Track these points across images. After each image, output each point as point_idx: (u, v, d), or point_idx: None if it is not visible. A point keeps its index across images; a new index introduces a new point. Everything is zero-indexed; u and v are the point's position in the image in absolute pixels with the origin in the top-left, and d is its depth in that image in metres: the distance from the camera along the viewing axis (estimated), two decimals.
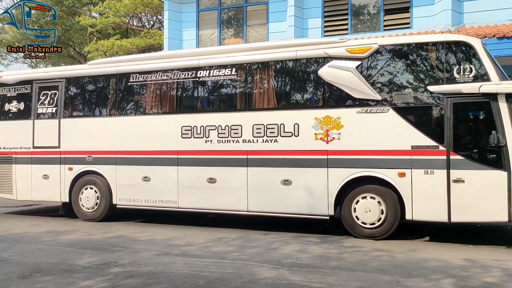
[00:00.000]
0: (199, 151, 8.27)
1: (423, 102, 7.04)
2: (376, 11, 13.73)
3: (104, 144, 9.02)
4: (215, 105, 8.66)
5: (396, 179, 7.01)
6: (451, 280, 4.96)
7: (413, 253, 6.24)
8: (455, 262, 5.73)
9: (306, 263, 5.67)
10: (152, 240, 7.25)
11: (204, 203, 8.26)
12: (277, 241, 7.09)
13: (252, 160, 7.89)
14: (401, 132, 7.02)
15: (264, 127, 7.82)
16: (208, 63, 8.42)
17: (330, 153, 7.39)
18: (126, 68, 9.10)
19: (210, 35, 15.86)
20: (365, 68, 7.37)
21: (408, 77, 7.23)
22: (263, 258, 5.96)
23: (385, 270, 5.34)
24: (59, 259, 5.94)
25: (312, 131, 7.50)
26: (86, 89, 9.67)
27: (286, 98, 8.17)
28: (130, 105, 9.26)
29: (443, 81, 6.89)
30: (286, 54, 7.93)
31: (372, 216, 7.16)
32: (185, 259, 5.91)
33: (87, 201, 9.18)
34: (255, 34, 15.23)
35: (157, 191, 8.55)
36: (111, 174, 8.97)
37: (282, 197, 7.68)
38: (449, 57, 6.96)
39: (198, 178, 8.24)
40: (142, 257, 6.03)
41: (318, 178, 7.45)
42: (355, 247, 6.65)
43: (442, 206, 6.73)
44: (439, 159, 6.77)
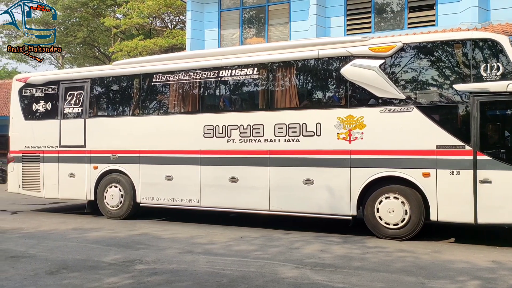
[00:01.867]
0: (221, 150, 8.31)
1: (449, 101, 6.91)
2: (400, 8, 13.53)
3: (128, 143, 9.17)
4: (237, 105, 8.69)
5: (420, 179, 6.91)
6: (478, 282, 4.86)
7: (438, 255, 6.14)
8: (482, 264, 5.61)
9: (329, 263, 5.64)
10: (175, 238, 7.34)
11: (226, 202, 8.31)
12: (299, 240, 7.08)
13: (274, 159, 7.89)
14: (425, 132, 6.90)
15: (286, 126, 7.81)
16: (230, 63, 8.46)
17: (353, 153, 7.33)
18: (149, 68, 9.22)
19: (232, 34, 15.92)
20: (388, 67, 7.28)
21: (433, 75, 7.11)
22: (285, 257, 5.96)
23: (409, 271, 5.27)
24: (85, 256, 6.07)
25: (334, 131, 7.45)
26: (110, 89, 9.84)
27: (308, 98, 8.13)
28: (153, 104, 9.38)
29: (470, 80, 6.75)
30: (308, 53, 7.90)
31: (396, 216, 7.07)
32: (207, 257, 5.96)
33: (112, 199, 9.34)
34: (277, 33, 15.21)
35: (180, 190, 8.64)
36: (134, 173, 9.11)
37: (304, 196, 7.65)
38: (476, 54, 6.81)
39: (220, 177, 8.29)
40: (166, 255, 6.11)
41: (341, 177, 7.40)
42: (378, 247, 6.58)
43: (468, 207, 6.60)
44: (465, 159, 6.63)
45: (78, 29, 31.00)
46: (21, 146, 10.27)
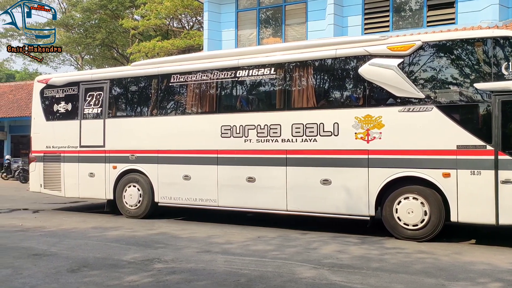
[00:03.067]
0: (238, 150, 8.34)
1: (470, 100, 6.80)
2: (418, 6, 13.36)
3: (147, 143, 9.27)
4: (254, 105, 8.71)
5: (440, 180, 6.81)
6: (499, 284, 4.77)
7: (459, 256, 6.05)
8: (503, 266, 5.51)
9: (347, 264, 5.61)
10: (193, 237, 7.39)
11: (243, 202, 8.33)
12: (316, 240, 7.06)
13: (291, 159, 7.88)
14: (445, 131, 6.81)
15: (303, 126, 7.79)
16: (247, 63, 8.48)
17: (371, 153, 7.27)
18: (167, 69, 9.30)
19: (249, 35, 15.94)
20: (407, 66, 7.20)
21: (453, 74, 7.00)
22: (303, 257, 5.95)
23: (429, 273, 5.21)
24: (105, 254, 6.16)
25: (352, 131, 7.40)
26: (129, 90, 9.96)
27: (325, 97, 8.10)
28: (171, 105, 9.46)
29: (491, 78, 6.63)
30: (326, 52, 7.86)
31: (415, 217, 6.99)
32: (225, 257, 5.99)
33: (130, 199, 9.46)
34: (293, 33, 15.17)
35: (197, 189, 8.70)
36: (153, 173, 9.20)
37: (322, 197, 7.62)
38: (497, 53, 6.68)
39: (238, 177, 8.32)
40: (184, 254, 6.16)
41: (358, 178, 7.35)
42: (397, 248, 6.51)
43: (490, 208, 6.48)
44: (487, 159, 6.51)
45: (97, 31, 31.47)
46: (42, 146, 10.48)
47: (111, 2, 29.64)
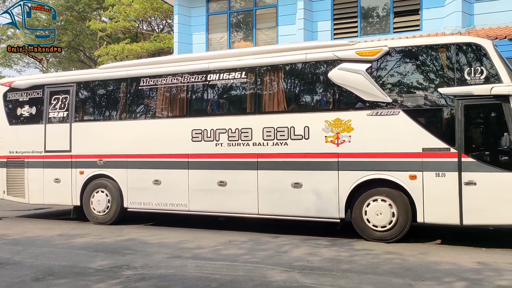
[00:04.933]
0: (209, 154, 8.30)
1: (434, 104, 7.01)
2: (385, 13, 13.69)
3: (115, 147, 9.09)
4: (225, 109, 8.69)
5: (407, 182, 6.97)
6: (464, 283, 4.92)
7: (425, 256, 6.20)
8: (468, 265, 5.68)
9: (317, 266, 5.66)
10: (163, 243, 7.29)
11: (214, 206, 8.29)
12: (288, 244, 7.09)
13: (262, 163, 7.90)
14: (412, 135, 6.98)
15: (274, 130, 7.83)
16: (218, 67, 8.46)
17: (341, 156, 7.38)
18: (136, 72, 9.17)
19: (220, 38, 15.93)
20: (375, 70, 7.36)
21: (418, 79, 7.20)
22: (274, 261, 5.96)
23: (396, 273, 5.31)
24: (72, 262, 6.00)
25: (322, 134, 7.49)
26: (96, 93, 9.76)
27: (296, 101, 8.17)
28: (140, 109, 9.33)
29: (454, 83, 6.85)
30: (296, 57, 7.94)
31: (383, 219, 7.12)
32: (196, 262, 5.94)
33: (98, 205, 9.25)
34: (264, 37, 15.26)
35: (168, 194, 8.60)
36: (122, 178, 9.03)
37: (293, 200, 7.67)
38: (460, 58, 6.91)
39: (209, 181, 8.27)
40: (154, 260, 6.07)
41: (329, 181, 7.44)
42: (366, 250, 6.62)
43: (454, 208, 6.68)
44: (451, 161, 6.72)
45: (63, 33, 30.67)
46: (5, 151, 10.11)
47: (78, 4, 28.99)
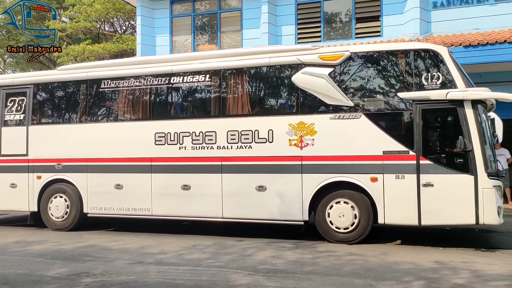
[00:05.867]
0: (173, 157, 8.19)
1: (394, 108, 7.20)
2: (348, 19, 14.00)
3: (75, 151, 8.82)
4: (189, 112, 8.62)
5: (368, 184, 7.13)
6: (422, 282, 5.06)
7: (385, 257, 6.34)
8: (426, 265, 5.85)
9: (281, 269, 5.68)
10: (124, 248, 7.12)
11: (178, 210, 8.18)
12: (252, 247, 7.09)
13: (226, 166, 7.87)
14: (373, 138, 7.14)
15: (238, 133, 7.82)
16: (181, 69, 8.38)
17: (304, 159, 7.45)
18: (97, 74, 8.95)
19: (184, 41, 15.80)
20: (337, 75, 7.49)
21: (379, 83, 7.39)
22: (238, 264, 5.94)
23: (358, 274, 5.41)
24: (28, 270, 5.76)
25: (286, 137, 7.55)
26: (55, 96, 9.45)
27: (260, 105, 8.20)
28: (101, 111, 9.10)
29: (413, 88, 7.07)
30: (260, 60, 7.98)
31: (346, 220, 7.25)
32: (158, 268, 5.83)
33: (57, 210, 8.94)
34: (229, 40, 15.26)
35: (130, 198, 8.42)
36: (81, 182, 8.77)
37: (257, 203, 7.68)
38: (418, 64, 7.14)
39: (172, 185, 8.16)
40: (115, 267, 5.92)
41: (293, 183, 7.49)
42: (329, 251, 6.70)
43: (413, 210, 6.87)
44: (410, 164, 6.92)
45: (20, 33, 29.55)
46: None
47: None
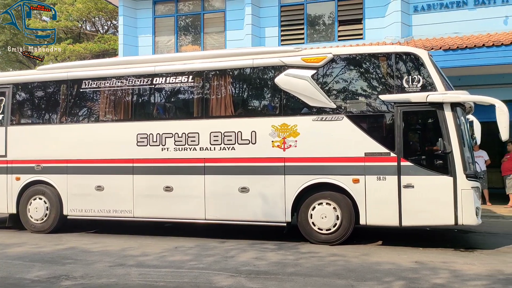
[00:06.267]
0: (155, 159, 8.13)
1: (375, 110, 7.29)
2: (331, 21, 14.11)
3: (55, 152, 8.68)
4: (171, 113, 8.57)
5: (350, 185, 7.19)
6: (402, 282, 5.13)
7: (367, 257, 6.41)
8: (406, 265, 5.93)
9: (263, 270, 5.69)
10: (105, 251, 7.04)
11: (160, 212, 8.12)
12: (235, 248, 7.08)
13: (209, 168, 7.85)
14: (355, 139, 7.21)
15: (221, 134, 7.81)
16: (164, 70, 8.33)
17: (287, 160, 7.48)
18: (78, 74, 8.83)
19: (167, 41, 15.71)
20: (320, 77, 7.54)
21: (361, 86, 7.47)
22: (220, 266, 5.93)
23: (340, 275, 5.45)
24: (6, 273, 5.64)
25: (269, 139, 7.56)
26: (35, 96, 9.29)
27: (243, 106, 8.20)
28: (82, 112, 8.99)
29: (394, 90, 7.16)
30: (243, 62, 7.98)
31: (328, 222, 7.29)
32: (140, 270, 5.78)
33: (36, 212, 8.78)
34: (212, 41, 15.23)
35: (111, 200, 8.32)
36: (61, 184, 8.63)
37: (240, 204, 7.67)
38: (399, 67, 7.25)
39: (154, 186, 8.10)
40: (95, 269, 5.84)
41: (275, 185, 7.51)
42: (311, 252, 6.74)
43: (394, 211, 6.96)
44: (391, 166, 7.00)
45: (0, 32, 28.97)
46: None
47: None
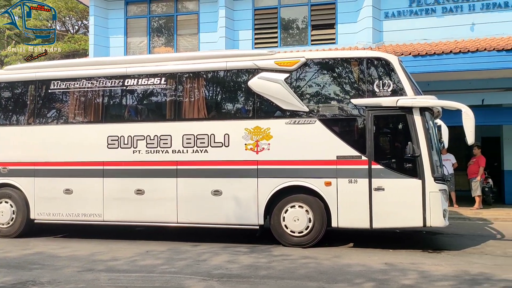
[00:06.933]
0: (126, 161, 8.00)
1: (347, 114, 7.39)
2: (304, 26, 14.25)
3: (21, 155, 8.43)
4: (143, 115, 8.46)
5: (322, 188, 7.25)
6: (372, 283, 5.21)
7: (338, 259, 6.48)
8: (376, 267, 6.03)
9: (236, 274, 5.67)
10: (74, 256, 6.87)
11: (131, 215, 7.99)
12: (207, 252, 7.03)
13: (182, 170, 7.78)
14: (327, 143, 7.28)
15: (194, 137, 7.76)
16: (136, 72, 8.22)
17: (260, 163, 7.49)
18: (47, 75, 8.62)
19: (139, 43, 15.51)
20: (293, 80, 7.60)
21: (333, 90, 7.57)
22: (192, 270, 5.87)
23: (311, 277, 5.49)
24: None
25: (242, 142, 7.56)
26: (1, 96, 8.99)
27: (216, 109, 8.17)
28: (51, 113, 8.77)
29: (365, 95, 7.29)
30: (217, 64, 7.96)
31: (300, 224, 7.33)
32: (109, 275, 5.66)
33: (2, 216, 8.49)
34: (186, 43, 15.13)
35: (80, 204, 8.13)
36: (28, 187, 8.38)
37: (213, 207, 7.63)
38: (370, 72, 7.38)
39: (125, 189, 7.97)
40: (63, 275, 5.69)
41: (248, 188, 7.51)
42: (283, 255, 6.76)
43: (365, 213, 7.06)
44: (362, 169, 7.11)
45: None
46: None
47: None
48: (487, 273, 5.67)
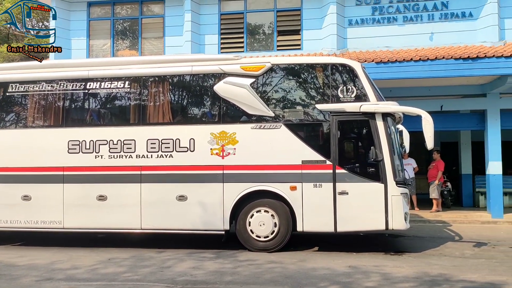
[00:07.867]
0: (88, 167, 7.79)
1: (312, 119, 7.49)
2: (270, 31, 14.35)
3: None
4: (106, 119, 8.27)
5: (288, 193, 7.30)
6: (336, 286, 5.27)
7: (303, 263, 6.52)
8: (340, 270, 6.11)
9: (201, 280, 5.61)
10: (32, 264, 6.61)
11: (93, 222, 7.78)
12: (172, 258, 6.93)
13: (146, 176, 7.65)
14: (292, 147, 7.35)
15: (159, 142, 7.65)
16: (99, 75, 8.04)
17: (226, 168, 7.46)
18: (4, 77, 8.31)
19: (103, 45, 15.17)
20: (259, 85, 7.63)
21: (298, 95, 7.65)
22: (156, 277, 5.77)
23: (277, 281, 5.50)
24: None
25: (208, 146, 7.52)
26: None
27: (182, 113, 8.10)
28: (8, 117, 8.42)
29: (330, 100, 7.40)
30: (182, 68, 7.90)
31: (266, 229, 7.35)
32: (69, 284, 5.48)
33: None
34: (151, 47, 14.92)
35: (39, 210, 7.85)
36: None
37: (178, 213, 7.54)
38: (334, 78, 7.51)
39: (87, 196, 7.75)
40: (20, 284, 5.46)
41: (214, 193, 7.46)
42: (249, 260, 6.75)
43: (329, 217, 7.16)
44: (327, 173, 7.21)
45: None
46: None
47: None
48: (446, 274, 5.85)
